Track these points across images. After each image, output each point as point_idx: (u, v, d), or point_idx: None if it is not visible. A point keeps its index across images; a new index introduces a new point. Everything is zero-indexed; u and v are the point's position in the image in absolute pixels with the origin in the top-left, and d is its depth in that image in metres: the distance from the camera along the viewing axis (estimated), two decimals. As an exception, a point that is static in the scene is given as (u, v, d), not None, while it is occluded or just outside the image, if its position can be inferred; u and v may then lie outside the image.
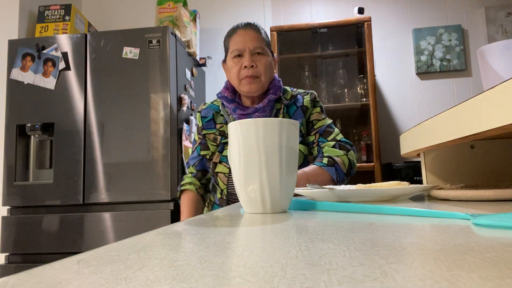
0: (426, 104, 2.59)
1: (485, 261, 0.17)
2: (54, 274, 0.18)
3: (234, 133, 0.48)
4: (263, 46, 1.15)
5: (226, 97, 1.18)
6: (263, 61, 1.14)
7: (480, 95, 0.42)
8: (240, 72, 1.13)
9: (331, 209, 0.47)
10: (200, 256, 0.21)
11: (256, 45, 1.14)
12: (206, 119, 1.23)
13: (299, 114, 1.19)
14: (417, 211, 0.37)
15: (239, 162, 0.48)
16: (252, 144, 0.46)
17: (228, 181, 1.16)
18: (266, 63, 1.14)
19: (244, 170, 0.47)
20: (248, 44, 1.14)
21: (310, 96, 1.22)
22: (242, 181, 0.48)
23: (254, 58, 1.13)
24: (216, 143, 1.21)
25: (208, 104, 1.27)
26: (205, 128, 1.23)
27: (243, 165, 0.47)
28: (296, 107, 1.20)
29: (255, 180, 0.46)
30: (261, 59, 1.14)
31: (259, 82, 1.14)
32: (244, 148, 0.47)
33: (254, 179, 0.46)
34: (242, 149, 0.47)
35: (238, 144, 0.48)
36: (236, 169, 0.49)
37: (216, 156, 1.19)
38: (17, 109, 1.96)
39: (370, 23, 2.33)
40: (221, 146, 1.19)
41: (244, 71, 1.13)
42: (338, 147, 1.13)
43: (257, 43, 1.14)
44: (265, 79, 1.15)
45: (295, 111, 1.19)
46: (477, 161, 0.72)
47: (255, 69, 1.13)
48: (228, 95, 1.19)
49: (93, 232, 1.82)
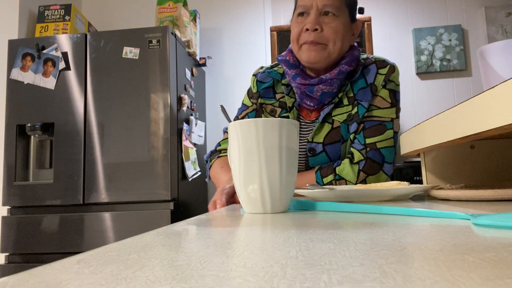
0: (426, 104, 2.59)
1: (485, 261, 0.17)
2: (54, 274, 0.18)
3: (234, 133, 0.48)
4: (338, 5, 0.89)
5: (288, 61, 0.96)
6: (333, 24, 0.88)
7: (480, 95, 0.42)
8: (300, 35, 0.91)
9: (331, 209, 0.47)
10: (200, 256, 0.21)
11: (326, 2, 0.88)
12: (264, 85, 1.02)
13: (365, 94, 0.91)
14: (417, 211, 0.37)
15: (239, 162, 0.48)
16: (252, 144, 0.47)
17: None
18: (337, 27, 0.88)
19: (244, 170, 0.47)
20: (317, 0, 0.88)
21: (388, 69, 0.92)
22: (242, 181, 0.48)
23: (322, 20, 0.88)
24: (274, 117, 0.99)
25: (266, 68, 1.05)
26: (261, 96, 1.01)
27: (243, 165, 0.47)
28: (365, 85, 0.92)
29: (255, 180, 0.46)
30: (332, 21, 0.88)
31: (323, 50, 0.89)
32: (244, 148, 0.47)
33: (254, 179, 0.47)
34: (242, 149, 0.47)
35: (238, 144, 0.48)
36: (236, 169, 0.49)
37: None
38: (17, 109, 1.96)
39: (370, 23, 2.33)
40: None
41: (305, 35, 0.89)
42: (363, 166, 0.87)
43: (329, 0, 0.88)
44: (334, 47, 0.89)
45: (360, 90, 0.92)
46: (477, 161, 0.72)
47: (319, 34, 0.88)
48: (290, 59, 0.96)
49: (93, 232, 1.82)
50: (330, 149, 0.92)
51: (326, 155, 0.92)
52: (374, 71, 0.92)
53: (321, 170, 0.90)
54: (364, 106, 0.91)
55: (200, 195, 2.40)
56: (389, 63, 0.93)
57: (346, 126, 0.92)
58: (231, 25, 2.79)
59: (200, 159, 2.35)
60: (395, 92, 0.92)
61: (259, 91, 1.03)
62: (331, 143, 0.92)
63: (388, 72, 0.92)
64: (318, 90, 0.91)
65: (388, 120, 0.91)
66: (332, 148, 0.92)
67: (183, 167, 2.02)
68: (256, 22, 2.77)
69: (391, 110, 0.91)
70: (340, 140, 0.92)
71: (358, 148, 0.90)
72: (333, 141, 0.92)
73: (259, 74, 1.04)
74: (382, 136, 0.89)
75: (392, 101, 0.92)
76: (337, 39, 0.89)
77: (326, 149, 0.92)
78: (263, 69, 1.06)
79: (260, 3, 2.79)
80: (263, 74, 1.03)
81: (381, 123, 0.90)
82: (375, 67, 0.93)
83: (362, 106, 0.91)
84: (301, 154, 0.94)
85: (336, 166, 0.89)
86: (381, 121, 0.91)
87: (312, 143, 0.93)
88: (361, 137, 0.91)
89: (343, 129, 0.92)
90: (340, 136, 0.92)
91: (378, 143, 0.89)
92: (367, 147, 0.89)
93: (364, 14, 2.49)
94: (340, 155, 0.93)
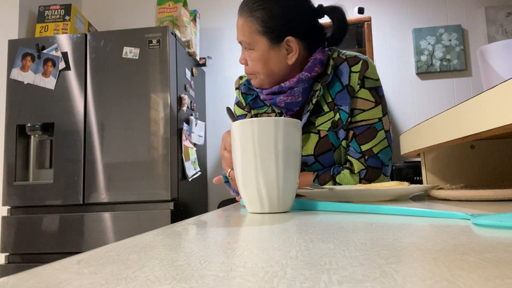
0: (426, 104, 2.59)
1: (485, 261, 0.17)
2: (54, 274, 0.18)
3: (234, 133, 0.48)
4: (250, 39, 0.88)
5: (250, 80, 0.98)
6: (252, 56, 0.89)
7: (480, 95, 0.42)
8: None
9: (331, 209, 0.47)
10: (200, 256, 0.21)
11: (240, 38, 0.90)
12: (250, 97, 1.02)
13: (343, 98, 0.88)
14: (417, 211, 0.37)
15: (239, 161, 0.48)
16: (248, 144, 0.47)
17: None
18: (256, 58, 0.88)
19: (242, 170, 0.47)
20: (238, 37, 0.91)
21: (361, 66, 0.87)
22: (241, 181, 0.48)
23: (247, 54, 0.91)
24: None
25: (245, 78, 1.04)
26: (252, 107, 1.02)
27: (241, 165, 0.48)
28: (341, 87, 0.88)
29: (252, 180, 0.47)
30: (250, 54, 0.90)
31: (255, 79, 0.92)
32: (241, 148, 0.47)
33: (251, 179, 0.47)
34: (240, 148, 0.47)
35: (237, 143, 0.48)
36: (236, 168, 0.49)
37: None
38: (17, 109, 1.96)
39: (370, 23, 2.33)
40: None
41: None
42: (364, 175, 0.86)
43: (241, 36, 0.89)
44: (263, 75, 0.90)
45: (337, 94, 0.89)
46: (477, 161, 0.72)
47: (246, 67, 0.92)
48: None
49: (93, 232, 1.82)
50: (322, 159, 0.90)
51: (320, 165, 0.90)
52: (346, 71, 0.88)
53: (319, 178, 0.88)
54: (345, 111, 0.88)
55: (200, 195, 2.40)
56: (361, 59, 0.88)
57: (334, 133, 0.89)
58: (231, 25, 2.79)
59: (200, 159, 2.35)
60: (376, 89, 0.88)
61: (248, 103, 1.02)
62: (322, 153, 0.90)
63: (361, 69, 0.87)
64: (280, 101, 0.90)
65: (376, 121, 0.87)
66: (325, 158, 0.90)
67: (183, 167, 2.02)
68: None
69: (376, 110, 0.87)
70: (331, 149, 0.89)
71: (355, 157, 0.88)
72: (324, 151, 0.89)
73: (241, 86, 1.03)
74: (376, 139, 0.87)
75: (376, 99, 0.88)
76: (261, 67, 0.89)
77: (319, 160, 0.90)
78: (243, 80, 1.04)
79: (260, 3, 2.79)
80: (245, 87, 1.03)
81: (370, 127, 0.87)
82: (346, 65, 0.89)
83: (343, 111, 0.88)
84: None
85: (336, 174, 0.87)
86: (369, 124, 0.87)
87: (302, 156, 0.89)
88: (355, 144, 0.88)
89: (332, 137, 0.89)
90: (330, 144, 0.89)
91: (374, 148, 0.87)
92: (365, 154, 0.87)
93: (364, 14, 2.49)
94: (334, 163, 0.91)
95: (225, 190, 2.61)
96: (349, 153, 0.89)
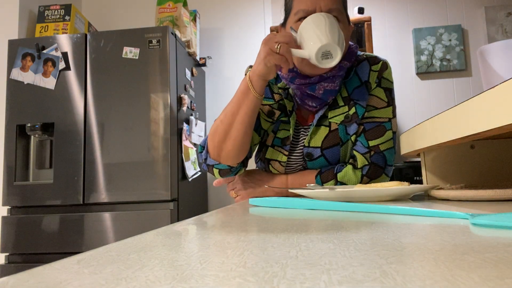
0: (426, 104, 2.59)
1: (485, 261, 0.17)
2: (54, 274, 0.18)
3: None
4: (341, 9, 0.81)
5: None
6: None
7: (480, 95, 0.42)
8: None
9: (331, 209, 0.47)
10: (200, 256, 0.21)
11: (331, 6, 0.79)
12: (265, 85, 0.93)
13: (361, 93, 0.87)
14: (417, 211, 0.37)
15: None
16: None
17: (286, 172, 0.92)
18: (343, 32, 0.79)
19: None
20: (320, 3, 0.79)
21: (380, 66, 0.88)
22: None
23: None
24: (272, 119, 0.92)
25: None
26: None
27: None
28: (360, 83, 0.88)
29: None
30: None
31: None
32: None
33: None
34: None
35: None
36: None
37: (269, 137, 0.93)
38: (17, 109, 1.96)
39: (370, 23, 2.33)
40: (277, 125, 0.92)
41: None
42: (367, 171, 0.86)
43: (332, 4, 0.79)
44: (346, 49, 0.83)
45: (355, 89, 0.88)
46: (477, 161, 0.72)
47: None
48: None
49: (93, 232, 1.82)
50: (328, 153, 0.89)
51: (324, 159, 0.89)
52: (367, 68, 0.88)
53: (322, 175, 0.87)
54: (362, 106, 0.87)
55: (200, 195, 2.40)
56: (381, 60, 0.90)
57: (344, 128, 0.88)
58: (231, 25, 2.79)
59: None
60: (390, 90, 0.89)
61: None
62: (329, 147, 0.88)
63: (381, 69, 0.88)
64: (320, 88, 0.85)
65: (386, 121, 0.88)
66: (331, 152, 0.89)
67: (183, 167, 2.02)
68: (256, 22, 2.77)
69: (388, 110, 0.88)
70: (339, 143, 0.88)
71: (361, 151, 0.87)
72: (331, 145, 0.88)
73: None
74: (383, 138, 0.87)
75: (389, 100, 0.89)
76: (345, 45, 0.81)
77: (325, 154, 0.89)
78: None
79: (260, 3, 2.79)
80: None
81: (380, 124, 0.87)
82: (367, 63, 0.89)
83: (360, 106, 0.87)
84: (298, 159, 0.92)
85: (338, 172, 0.87)
86: (380, 122, 0.88)
87: (309, 148, 0.89)
88: (363, 139, 0.87)
89: (341, 131, 0.88)
90: (339, 139, 0.88)
91: (381, 145, 0.87)
92: (371, 150, 0.87)
93: (364, 14, 2.49)
94: (339, 158, 0.90)
95: (225, 190, 2.61)
96: (355, 147, 0.89)
